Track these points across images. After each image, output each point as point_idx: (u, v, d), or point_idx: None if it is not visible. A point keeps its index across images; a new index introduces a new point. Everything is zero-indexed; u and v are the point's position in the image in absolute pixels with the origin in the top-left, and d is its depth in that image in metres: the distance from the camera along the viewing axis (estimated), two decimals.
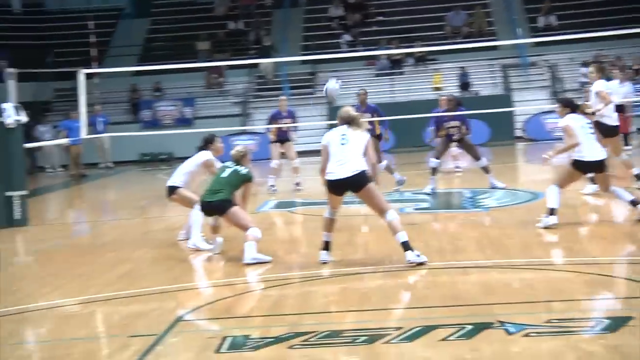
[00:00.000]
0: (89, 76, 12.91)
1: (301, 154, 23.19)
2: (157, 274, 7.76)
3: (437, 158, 12.64)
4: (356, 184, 7.34)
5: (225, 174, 8.30)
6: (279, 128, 13.96)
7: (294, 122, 14.21)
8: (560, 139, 10.98)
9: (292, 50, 26.86)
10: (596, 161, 8.78)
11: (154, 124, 25.27)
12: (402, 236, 7.27)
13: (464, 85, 24.73)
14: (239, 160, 8.46)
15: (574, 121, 8.87)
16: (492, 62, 25.86)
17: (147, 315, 6.13)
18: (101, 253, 9.01)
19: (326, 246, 7.63)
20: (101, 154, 23.17)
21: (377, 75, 26.22)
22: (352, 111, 7.67)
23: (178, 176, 9.32)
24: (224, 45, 28.17)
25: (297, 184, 13.93)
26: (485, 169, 12.63)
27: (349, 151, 7.38)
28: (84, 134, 13.66)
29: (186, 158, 9.60)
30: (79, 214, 14.22)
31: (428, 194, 12.29)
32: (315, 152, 25.02)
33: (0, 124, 11.37)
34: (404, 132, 21.12)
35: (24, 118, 11.76)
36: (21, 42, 28.70)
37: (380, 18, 28.92)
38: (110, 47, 28.72)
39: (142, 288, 7.10)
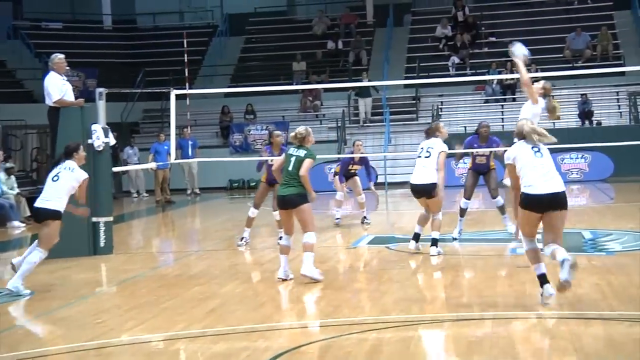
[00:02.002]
0: (179, 97, 13.20)
1: (402, 185, 23.26)
2: (247, 311, 7.82)
3: (468, 198, 11.95)
4: (561, 202, 7.24)
5: (291, 166, 8.92)
6: (346, 167, 14.43)
7: (363, 167, 14.45)
8: None
9: (394, 72, 26.93)
10: None
11: (245, 148, 25.68)
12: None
13: (585, 115, 24.19)
14: (301, 141, 9.00)
15: None
16: (619, 89, 25.23)
17: (236, 355, 6.18)
18: (188, 286, 9.17)
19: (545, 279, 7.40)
20: (189, 180, 23.66)
21: (487, 101, 25.99)
22: (528, 125, 7.60)
23: (60, 197, 9.09)
24: (321, 66, 28.50)
25: (365, 218, 14.31)
26: (502, 209, 11.91)
27: (549, 165, 7.38)
28: (172, 157, 13.97)
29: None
30: (164, 243, 14.53)
31: (455, 238, 11.78)
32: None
33: (89, 147, 11.74)
34: None
35: (112, 140, 12.14)
36: (111, 60, 29.80)
37: (492, 39, 28.71)
38: (203, 66, 29.46)
39: (231, 326, 7.17)
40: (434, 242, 10.47)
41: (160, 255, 12.96)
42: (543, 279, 7.34)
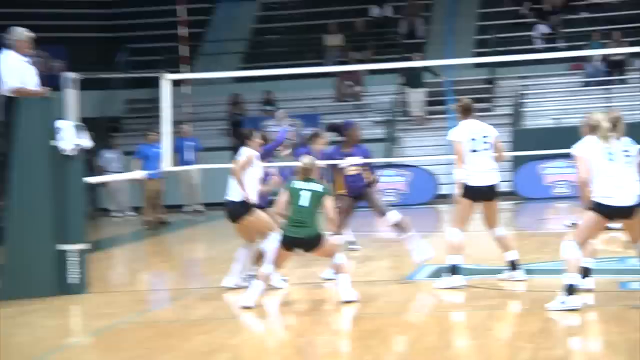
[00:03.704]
0: (175, 83, 13.29)
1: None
2: None
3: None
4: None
5: (307, 202, 9.87)
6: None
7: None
8: None
9: (461, 47, 26.85)
10: None
11: (264, 150, 25.69)
12: None
13: None
14: (309, 174, 10.03)
15: None
16: None
17: None
18: (188, 336, 9.19)
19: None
20: (188, 193, 23.74)
21: (587, 83, 25.83)
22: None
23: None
24: (362, 40, 28.50)
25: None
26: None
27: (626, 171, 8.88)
28: (166, 164, 14.03)
29: None
30: (157, 278, 14.60)
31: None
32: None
33: (54, 150, 11.79)
34: None
35: (86, 142, 12.18)
36: (82, 35, 29.95)
37: (593, 1, 28.56)
38: (205, 41, 29.57)
39: None
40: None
41: (150, 294, 13.02)
42: (571, 291, 8.88)
